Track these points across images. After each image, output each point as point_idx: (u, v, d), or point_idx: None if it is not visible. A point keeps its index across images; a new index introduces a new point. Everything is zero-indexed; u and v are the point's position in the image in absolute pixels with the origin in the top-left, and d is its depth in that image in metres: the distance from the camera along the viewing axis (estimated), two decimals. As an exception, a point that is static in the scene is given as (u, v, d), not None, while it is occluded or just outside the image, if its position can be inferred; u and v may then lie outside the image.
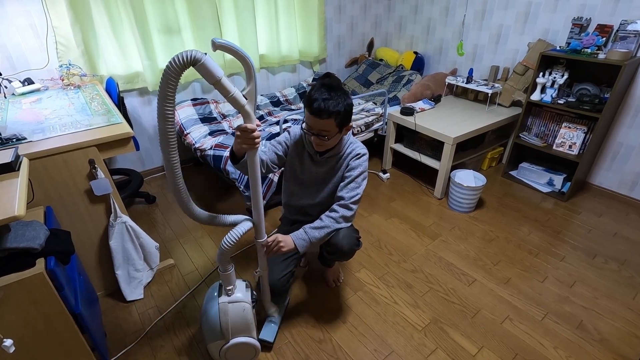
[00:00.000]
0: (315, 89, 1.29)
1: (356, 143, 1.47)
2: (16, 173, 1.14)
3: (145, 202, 2.56)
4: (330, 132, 1.31)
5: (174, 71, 0.84)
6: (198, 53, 0.85)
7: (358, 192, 1.41)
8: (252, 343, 1.37)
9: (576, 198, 2.56)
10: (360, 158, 1.42)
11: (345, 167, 1.44)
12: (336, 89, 1.29)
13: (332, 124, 1.28)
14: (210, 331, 1.34)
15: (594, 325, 1.63)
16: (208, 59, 0.87)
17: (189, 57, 0.84)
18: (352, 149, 1.44)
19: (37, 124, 1.55)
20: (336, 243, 1.41)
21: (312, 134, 1.33)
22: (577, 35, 2.29)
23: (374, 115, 2.75)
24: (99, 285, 1.74)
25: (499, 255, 2.04)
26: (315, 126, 1.30)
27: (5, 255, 1.04)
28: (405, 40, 3.53)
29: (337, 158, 1.45)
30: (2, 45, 2.03)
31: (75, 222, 1.53)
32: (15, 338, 1.10)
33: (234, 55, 0.94)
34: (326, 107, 1.25)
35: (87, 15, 2.16)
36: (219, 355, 1.36)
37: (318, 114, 1.26)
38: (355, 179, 1.41)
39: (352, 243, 1.44)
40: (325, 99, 1.25)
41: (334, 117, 1.27)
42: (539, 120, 2.63)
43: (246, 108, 1.02)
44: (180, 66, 0.84)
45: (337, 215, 1.39)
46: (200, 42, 2.61)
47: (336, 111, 1.26)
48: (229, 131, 2.54)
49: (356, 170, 1.41)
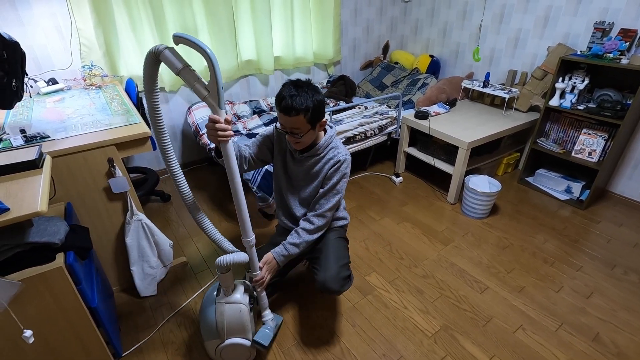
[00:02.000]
0: (284, 87, 1.29)
1: (338, 148, 1.43)
2: (39, 170, 1.18)
3: (161, 200, 2.62)
4: (301, 129, 1.29)
5: (147, 62, 1.00)
6: (160, 47, 0.98)
7: (335, 199, 1.42)
8: (246, 345, 1.37)
9: (595, 206, 2.49)
10: (341, 166, 1.40)
11: (324, 174, 1.42)
12: (304, 85, 1.28)
13: (302, 121, 1.27)
14: (207, 329, 1.36)
15: (611, 338, 1.58)
16: (167, 52, 0.98)
17: (154, 50, 0.98)
18: (333, 154, 1.41)
19: (60, 123, 1.61)
20: (324, 283, 1.41)
21: (285, 132, 1.33)
22: (599, 40, 2.23)
23: (388, 118, 2.74)
24: (114, 281, 1.79)
25: (513, 263, 2.01)
26: (286, 124, 1.29)
27: (28, 249, 1.08)
28: (421, 44, 3.51)
29: (316, 159, 1.42)
30: (29, 46, 2.11)
31: (93, 219, 1.58)
32: (35, 329, 1.14)
33: (194, 48, 0.98)
34: (293, 104, 1.24)
35: (110, 17, 2.22)
36: (215, 353, 1.38)
37: (286, 112, 1.25)
38: (335, 188, 1.41)
39: (341, 285, 1.44)
40: (293, 96, 1.24)
41: (303, 114, 1.26)
42: (558, 126, 2.58)
43: (208, 99, 1.04)
44: (150, 57, 0.99)
45: (311, 227, 1.42)
46: (217, 43, 2.65)
47: (305, 107, 1.25)
48: (243, 132, 2.57)
49: (334, 179, 1.40)
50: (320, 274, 1.43)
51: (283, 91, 1.27)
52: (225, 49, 2.69)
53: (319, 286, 1.42)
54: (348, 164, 1.42)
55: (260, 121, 2.76)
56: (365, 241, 2.18)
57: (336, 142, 1.45)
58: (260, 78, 3.11)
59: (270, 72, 3.00)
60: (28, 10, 2.05)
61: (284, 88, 1.28)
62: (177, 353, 1.52)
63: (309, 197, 1.48)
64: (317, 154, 1.41)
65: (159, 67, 1.02)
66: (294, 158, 1.45)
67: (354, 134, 2.56)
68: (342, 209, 1.63)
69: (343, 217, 1.62)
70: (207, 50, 0.96)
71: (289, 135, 1.33)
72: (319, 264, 1.47)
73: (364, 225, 2.32)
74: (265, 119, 2.79)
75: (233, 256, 1.28)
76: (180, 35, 0.98)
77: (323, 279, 1.41)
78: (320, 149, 1.41)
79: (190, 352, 1.52)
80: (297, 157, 1.44)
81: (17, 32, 2.06)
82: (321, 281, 1.41)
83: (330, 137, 1.43)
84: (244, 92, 3.07)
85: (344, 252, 1.54)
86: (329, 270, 1.42)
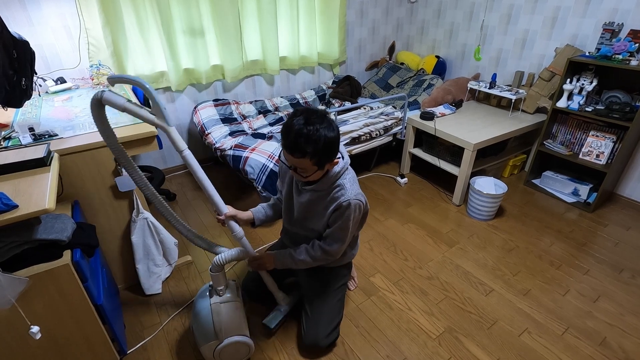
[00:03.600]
0: (293, 117, 1.11)
1: (344, 188, 1.24)
2: (47, 168, 1.19)
3: (166, 199, 2.63)
4: (307, 170, 1.16)
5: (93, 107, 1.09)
6: (98, 92, 1.06)
7: (339, 245, 1.33)
8: (245, 341, 1.38)
9: (603, 209, 2.46)
10: (344, 212, 1.23)
11: (327, 217, 1.28)
12: (316, 120, 1.09)
13: (308, 163, 1.12)
14: (203, 333, 1.35)
15: (619, 343, 1.56)
16: (107, 95, 1.06)
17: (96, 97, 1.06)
18: (337, 194, 1.24)
19: (68, 122, 1.62)
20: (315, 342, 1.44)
21: (288, 167, 1.20)
22: (608, 41, 2.21)
23: (393, 119, 2.73)
24: (119, 279, 1.80)
25: (519, 265, 1.99)
26: (290, 161, 1.16)
27: (36, 245, 1.10)
28: (427, 44, 3.50)
29: (318, 195, 1.28)
30: (38, 45, 2.14)
31: (99, 217, 1.59)
32: (41, 325, 1.15)
33: (130, 83, 1.09)
34: (299, 145, 1.08)
35: (118, 17, 2.24)
36: (213, 356, 1.37)
37: (291, 152, 1.11)
38: (338, 233, 1.30)
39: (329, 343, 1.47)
40: (300, 134, 1.07)
41: (310, 157, 1.10)
42: (565, 128, 2.55)
43: (156, 121, 1.12)
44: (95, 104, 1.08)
45: (316, 256, 1.36)
46: (223, 43, 2.66)
47: (312, 151, 1.08)
48: (248, 132, 2.58)
49: (338, 223, 1.27)
50: (311, 331, 1.45)
51: (291, 124, 1.10)
52: (231, 49, 2.70)
53: (307, 342, 1.46)
54: (355, 209, 1.24)
55: (266, 121, 2.77)
56: (370, 242, 2.17)
57: (345, 178, 1.27)
58: (266, 78, 3.12)
59: (276, 72, 3.00)
60: (37, 10, 2.08)
61: (293, 119, 1.10)
62: (182, 351, 1.53)
63: (309, 231, 1.40)
64: (320, 189, 1.27)
65: (104, 110, 1.12)
66: (298, 188, 1.36)
67: (359, 135, 2.55)
68: (354, 244, 1.57)
69: (353, 253, 1.58)
70: (143, 83, 1.06)
71: (293, 171, 1.21)
72: (312, 319, 1.47)
73: (369, 226, 2.31)
74: (271, 119, 2.79)
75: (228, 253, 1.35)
76: (113, 76, 1.09)
77: (313, 339, 1.44)
78: (324, 184, 1.25)
79: (194, 350, 1.53)
80: (300, 188, 1.34)
81: (26, 31, 2.08)
82: (310, 340, 1.45)
83: (338, 172, 1.25)
84: (249, 92, 3.08)
85: (340, 308, 1.54)
86: (321, 331, 1.44)
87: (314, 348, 1.48)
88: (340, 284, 1.55)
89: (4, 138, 1.41)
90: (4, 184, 1.11)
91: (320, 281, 1.54)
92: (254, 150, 2.20)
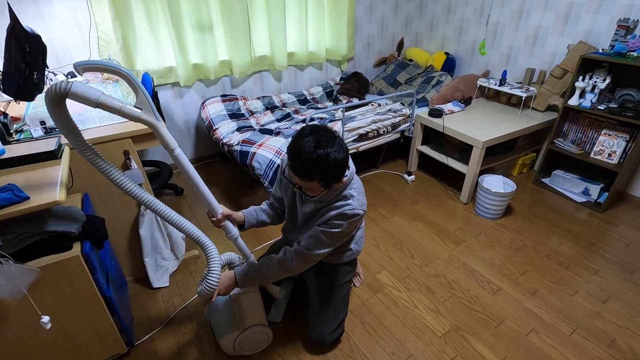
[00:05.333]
0: (302, 137, 1.07)
1: (352, 197, 1.21)
2: (58, 161, 1.21)
3: (174, 193, 2.65)
4: (313, 190, 1.14)
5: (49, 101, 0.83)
6: (62, 84, 0.80)
7: (324, 250, 1.24)
8: (264, 330, 1.41)
9: (613, 209, 2.42)
10: (347, 221, 1.19)
11: (327, 219, 1.22)
12: (326, 142, 1.06)
13: (316, 185, 1.11)
14: (223, 325, 1.37)
15: (628, 344, 1.54)
16: (76, 87, 0.81)
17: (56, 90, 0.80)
18: (345, 203, 1.20)
19: (79, 115, 1.64)
20: (320, 340, 1.45)
21: (293, 185, 1.17)
22: (623, 38, 2.16)
23: (401, 116, 2.71)
24: (128, 271, 1.82)
25: (527, 265, 1.97)
26: (297, 181, 1.13)
27: (46, 237, 1.11)
28: (436, 41, 3.46)
29: (323, 204, 1.25)
30: (50, 40, 2.16)
31: (108, 210, 1.61)
32: (52, 315, 1.17)
33: (105, 71, 0.89)
34: (308, 170, 1.06)
35: (127, 12, 2.25)
36: (234, 347, 1.39)
37: (299, 175, 1.08)
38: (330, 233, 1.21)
39: (335, 339, 1.49)
40: (310, 159, 1.04)
41: (318, 180, 1.08)
42: (576, 126, 2.51)
43: (142, 117, 0.94)
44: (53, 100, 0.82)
45: (288, 266, 1.28)
46: (231, 39, 2.66)
47: (320, 175, 1.07)
48: (256, 128, 2.58)
49: (333, 230, 1.20)
50: (316, 327, 1.45)
51: (300, 146, 1.06)
52: (240, 44, 2.70)
53: (312, 338, 1.46)
54: (358, 219, 1.21)
55: (273, 117, 2.77)
56: (376, 239, 2.16)
57: (352, 188, 1.23)
58: (274, 74, 3.11)
59: (284, 68, 3.00)
60: (49, 5, 2.10)
61: (302, 140, 1.06)
62: (188, 344, 1.54)
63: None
64: (325, 199, 1.24)
65: (64, 107, 0.87)
66: (302, 199, 1.33)
67: (367, 131, 2.54)
68: (358, 239, 1.53)
69: (356, 250, 1.54)
70: (122, 70, 0.88)
71: (297, 189, 1.19)
72: (317, 316, 1.47)
73: (375, 223, 2.31)
74: (278, 114, 2.79)
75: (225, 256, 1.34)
76: (81, 63, 0.85)
77: (318, 335, 1.44)
78: (330, 195, 1.22)
79: (200, 343, 1.54)
80: (304, 199, 1.31)
81: (38, 25, 2.10)
82: (315, 336, 1.45)
83: (345, 184, 1.21)
84: (257, 88, 3.08)
85: (345, 305, 1.53)
86: (326, 327, 1.45)
87: (320, 344, 1.48)
88: (345, 280, 1.55)
89: (16, 131, 1.43)
90: (16, 176, 1.13)
91: (325, 277, 1.54)
92: (261, 146, 2.21)
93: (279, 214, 1.53)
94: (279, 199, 1.50)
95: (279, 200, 1.51)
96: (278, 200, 1.51)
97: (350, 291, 1.66)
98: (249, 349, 1.44)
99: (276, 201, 1.52)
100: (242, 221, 1.43)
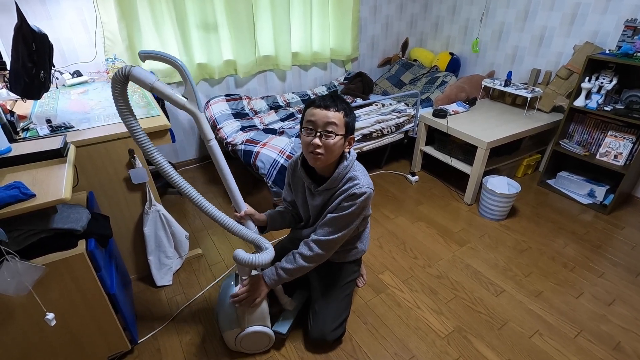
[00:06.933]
0: (316, 98, 1.26)
1: (356, 179, 1.26)
2: (64, 159, 1.22)
3: (178, 192, 2.66)
4: (337, 128, 1.19)
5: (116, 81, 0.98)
6: (127, 67, 0.96)
7: (342, 233, 1.29)
8: (266, 332, 1.41)
9: (619, 211, 2.40)
10: (357, 200, 1.24)
11: (337, 204, 1.28)
12: (340, 97, 1.25)
13: (341, 119, 1.20)
14: (226, 319, 1.38)
15: (634, 348, 1.52)
16: (136, 70, 0.96)
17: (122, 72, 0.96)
18: (352, 184, 1.25)
19: (84, 114, 1.65)
20: (322, 338, 1.44)
21: (315, 133, 1.19)
22: (630, 38, 2.14)
23: (405, 116, 2.71)
24: (131, 269, 1.83)
25: (531, 266, 1.96)
26: (322, 120, 1.18)
27: (52, 234, 1.12)
28: (440, 41, 3.45)
29: (331, 192, 1.31)
30: (56, 39, 2.17)
31: (113, 208, 1.62)
32: (56, 312, 1.18)
33: (163, 62, 1.00)
34: (334, 100, 1.22)
35: (133, 11, 2.26)
36: (235, 343, 1.40)
37: (327, 107, 1.19)
38: (345, 219, 1.27)
39: (336, 338, 1.48)
40: (331, 96, 1.23)
41: (344, 113, 1.21)
42: (582, 128, 2.49)
43: (187, 106, 1.06)
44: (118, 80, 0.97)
45: (310, 254, 1.32)
46: (236, 39, 2.67)
47: (345, 107, 1.23)
48: (260, 127, 2.58)
49: (348, 210, 1.25)
50: (318, 325, 1.45)
51: (315, 98, 1.25)
52: (244, 44, 2.71)
53: (313, 336, 1.46)
54: (367, 197, 1.26)
55: (277, 116, 2.77)
56: (380, 239, 2.16)
57: (355, 170, 1.30)
58: (278, 74, 3.12)
59: (288, 68, 3.00)
60: (56, 4, 2.11)
61: (317, 98, 1.24)
62: (191, 342, 1.55)
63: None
64: (332, 186, 1.30)
65: (126, 87, 1.02)
66: (311, 191, 1.38)
67: (371, 132, 2.54)
68: (364, 238, 1.56)
69: (362, 249, 1.56)
70: (177, 62, 0.99)
71: (315, 140, 1.19)
72: (319, 314, 1.46)
73: (379, 223, 2.30)
74: (282, 114, 2.80)
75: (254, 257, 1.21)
76: (146, 52, 0.99)
77: (320, 333, 1.44)
78: (336, 181, 1.28)
79: (203, 342, 1.55)
80: (314, 191, 1.35)
81: (44, 25, 2.12)
82: (316, 334, 1.44)
83: (347, 165, 1.28)
84: (261, 88, 3.08)
85: (347, 304, 1.53)
86: (327, 325, 1.44)
87: (321, 342, 1.48)
88: (349, 279, 1.55)
89: (22, 129, 1.45)
90: (22, 173, 1.14)
91: (329, 276, 1.54)
92: (265, 146, 2.21)
93: (294, 216, 1.58)
94: (291, 202, 1.55)
95: (291, 203, 1.56)
96: (291, 204, 1.56)
97: (353, 291, 1.65)
98: (250, 347, 1.44)
99: (289, 205, 1.57)
100: (264, 223, 1.46)
